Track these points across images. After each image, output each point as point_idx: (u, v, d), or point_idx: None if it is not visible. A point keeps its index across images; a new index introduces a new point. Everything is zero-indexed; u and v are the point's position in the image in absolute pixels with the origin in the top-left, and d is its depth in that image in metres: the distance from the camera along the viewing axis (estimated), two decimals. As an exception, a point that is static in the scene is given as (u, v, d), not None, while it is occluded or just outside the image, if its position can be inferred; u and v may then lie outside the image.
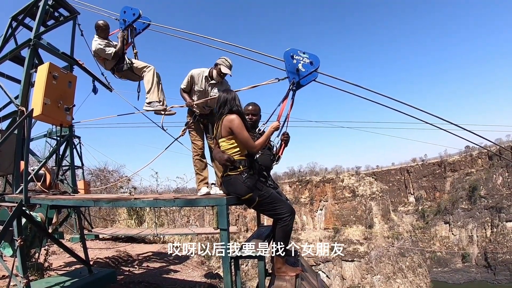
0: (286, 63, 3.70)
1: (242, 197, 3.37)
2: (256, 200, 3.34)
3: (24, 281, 4.28)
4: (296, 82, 3.67)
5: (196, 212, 15.56)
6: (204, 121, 4.90)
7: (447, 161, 74.99)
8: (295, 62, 3.64)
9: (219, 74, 4.60)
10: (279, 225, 3.38)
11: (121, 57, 5.18)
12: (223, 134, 3.49)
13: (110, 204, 4.23)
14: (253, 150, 3.44)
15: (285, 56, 3.68)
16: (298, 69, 3.62)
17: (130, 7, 5.23)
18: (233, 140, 3.44)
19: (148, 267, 7.34)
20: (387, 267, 61.68)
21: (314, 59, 3.60)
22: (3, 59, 5.59)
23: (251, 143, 3.39)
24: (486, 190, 66.96)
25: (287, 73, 3.71)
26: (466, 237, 67.09)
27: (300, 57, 3.63)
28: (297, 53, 3.64)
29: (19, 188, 4.76)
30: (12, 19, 5.93)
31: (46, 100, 4.62)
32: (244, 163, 3.40)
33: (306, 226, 70.39)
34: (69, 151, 6.24)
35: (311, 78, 3.64)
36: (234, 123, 3.37)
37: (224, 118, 3.47)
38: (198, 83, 4.72)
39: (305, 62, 3.61)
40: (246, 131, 3.40)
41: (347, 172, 77.24)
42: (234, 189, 3.42)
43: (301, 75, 3.63)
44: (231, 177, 3.43)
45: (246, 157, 3.45)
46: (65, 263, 6.96)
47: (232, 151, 3.44)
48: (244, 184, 3.32)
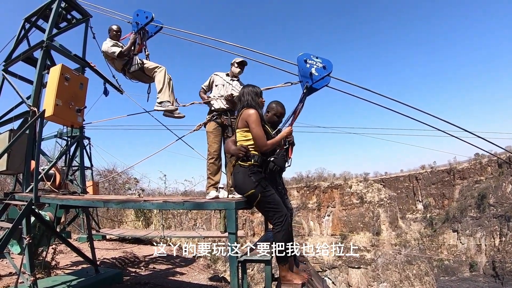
0: (299, 68, 3.70)
1: (245, 192, 3.36)
2: (258, 197, 3.32)
3: (32, 279, 4.32)
4: (309, 86, 3.66)
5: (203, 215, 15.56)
6: (223, 121, 4.91)
7: (456, 168, 74.29)
8: (308, 67, 3.63)
9: (235, 65, 4.99)
10: (274, 230, 3.36)
11: (131, 58, 5.22)
12: (239, 125, 3.53)
13: (120, 205, 4.25)
14: (262, 148, 3.42)
15: (299, 60, 3.69)
16: (311, 74, 3.61)
17: (143, 10, 5.27)
18: (248, 133, 3.46)
19: (155, 269, 7.36)
20: (393, 275, 61.02)
21: (327, 64, 3.60)
22: (16, 60, 5.67)
23: (263, 141, 3.37)
24: (495, 198, 66.17)
25: (300, 77, 3.71)
26: (474, 245, 66.31)
27: (313, 62, 3.63)
28: (310, 57, 3.65)
29: (29, 187, 4.81)
30: (25, 20, 6.02)
31: (57, 101, 4.66)
32: (256, 159, 3.40)
33: (313, 231, 69.97)
34: (79, 152, 6.28)
35: (323, 83, 3.62)
36: (251, 118, 3.39)
37: (243, 111, 3.51)
38: (219, 80, 5.02)
39: (318, 67, 3.61)
40: (261, 128, 3.40)
41: (355, 178, 76.69)
42: (238, 181, 3.43)
43: (314, 79, 3.62)
44: (239, 169, 3.43)
45: (259, 153, 3.46)
46: (72, 262, 7.01)
47: (246, 144, 3.45)
48: (249, 178, 3.32)
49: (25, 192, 4.82)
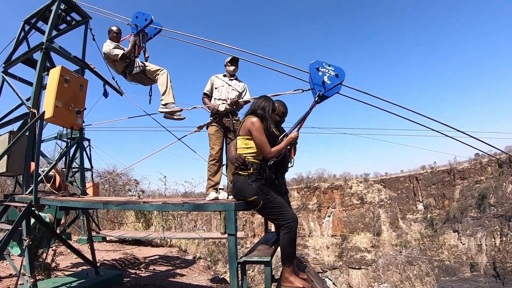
0: (311, 75, 3.64)
1: (247, 198, 3.36)
2: (261, 203, 3.32)
3: (31, 280, 4.31)
4: (322, 95, 3.61)
5: (203, 217, 15.54)
6: (225, 123, 4.92)
7: (456, 168, 74.28)
8: (320, 75, 3.58)
9: (228, 64, 5.11)
10: (283, 232, 3.33)
11: (132, 60, 5.22)
12: (241, 132, 3.53)
13: (120, 207, 4.25)
14: (267, 156, 3.43)
15: (311, 68, 3.63)
16: (324, 82, 3.56)
17: (142, 13, 5.26)
18: (249, 141, 3.46)
19: (155, 270, 7.36)
20: (394, 276, 61.03)
21: (340, 72, 3.54)
22: (15, 61, 5.68)
23: (267, 149, 3.38)
24: (496, 198, 66.15)
25: (312, 84, 3.65)
26: (475, 245, 66.25)
27: (325, 70, 3.58)
28: (322, 65, 3.59)
29: (29, 189, 4.81)
30: (25, 22, 6.03)
31: (57, 103, 4.66)
32: (255, 167, 3.39)
33: (313, 232, 69.99)
34: (79, 154, 6.28)
35: (335, 91, 3.57)
36: (253, 126, 3.39)
37: (246, 119, 3.52)
38: (219, 82, 5.09)
39: (331, 75, 3.55)
40: (264, 136, 3.40)
41: (355, 179, 76.83)
42: (240, 189, 3.42)
43: (326, 88, 3.56)
44: (239, 178, 3.43)
45: (259, 161, 3.46)
46: (72, 264, 7.01)
47: (247, 151, 3.45)
48: (250, 186, 3.31)
49: (25, 193, 4.82)
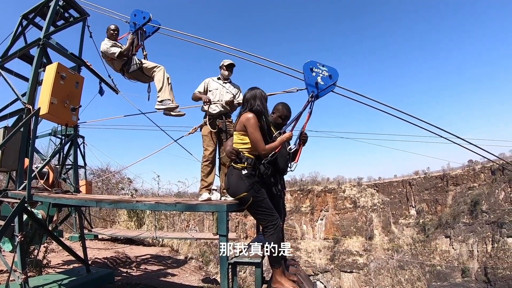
0: (305, 76, 3.64)
1: (237, 194, 3.38)
2: (250, 200, 3.34)
3: (23, 277, 4.32)
4: (315, 95, 3.61)
5: (196, 217, 15.52)
6: (219, 124, 4.91)
7: (449, 174, 74.57)
8: (314, 75, 3.58)
9: (224, 68, 5.04)
10: (267, 234, 3.36)
11: (130, 58, 5.22)
12: (237, 128, 3.55)
13: (112, 205, 4.26)
14: (261, 153, 3.44)
15: (305, 68, 3.63)
16: (317, 83, 3.56)
17: (140, 11, 5.28)
18: (244, 137, 3.48)
19: (146, 270, 7.35)
20: (386, 280, 61.20)
21: (333, 73, 3.54)
22: (12, 56, 5.66)
23: (261, 145, 3.40)
24: (488, 205, 66.45)
25: (306, 85, 3.66)
26: (466, 251, 66.49)
27: (319, 70, 3.57)
28: (316, 65, 3.58)
29: (22, 185, 4.80)
30: (23, 17, 6.01)
31: (53, 100, 4.67)
32: (250, 161, 3.42)
33: (306, 235, 70.01)
34: (73, 151, 6.26)
35: (328, 91, 3.58)
36: (249, 122, 3.40)
37: (242, 114, 3.53)
38: (214, 85, 5.04)
39: (324, 75, 3.55)
40: (258, 132, 3.41)
41: (349, 183, 76.97)
42: (232, 183, 3.44)
43: (320, 89, 3.57)
44: (233, 171, 3.45)
45: (253, 157, 3.48)
46: (64, 261, 6.99)
47: (242, 147, 3.47)
48: (242, 181, 3.34)
49: (18, 189, 4.81)
